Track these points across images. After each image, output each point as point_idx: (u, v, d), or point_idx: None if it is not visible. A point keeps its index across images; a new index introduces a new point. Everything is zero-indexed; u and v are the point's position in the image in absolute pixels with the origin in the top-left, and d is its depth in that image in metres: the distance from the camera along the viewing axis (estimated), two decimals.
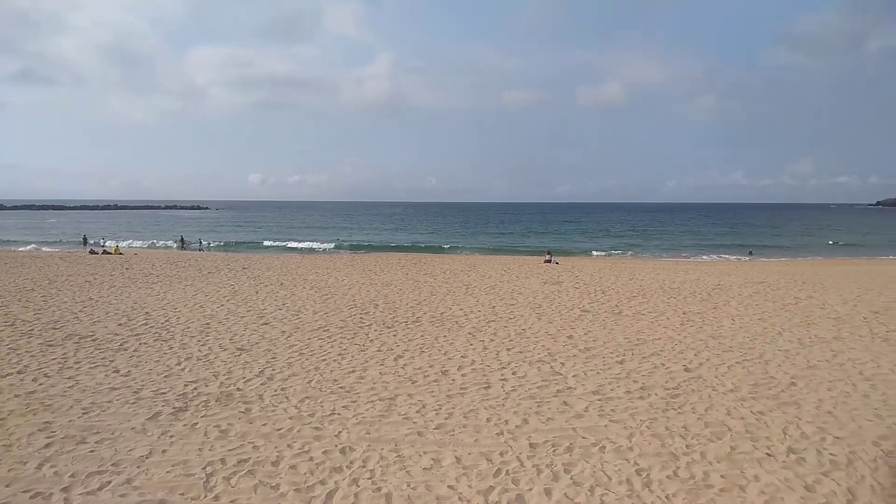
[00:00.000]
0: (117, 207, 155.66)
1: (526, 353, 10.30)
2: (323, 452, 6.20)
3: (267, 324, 12.60)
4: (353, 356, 10.01)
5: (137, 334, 11.51)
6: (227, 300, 15.63)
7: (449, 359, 9.90)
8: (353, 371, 9.15)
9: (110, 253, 31.05)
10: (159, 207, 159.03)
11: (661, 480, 5.62)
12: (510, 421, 7.11)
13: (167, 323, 12.61)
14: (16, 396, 7.84)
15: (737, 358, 9.91)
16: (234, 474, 5.70)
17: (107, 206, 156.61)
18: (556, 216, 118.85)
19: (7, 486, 5.44)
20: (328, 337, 11.39)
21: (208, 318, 13.12)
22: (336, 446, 6.36)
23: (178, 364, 9.49)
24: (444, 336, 11.58)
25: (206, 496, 5.29)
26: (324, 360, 9.71)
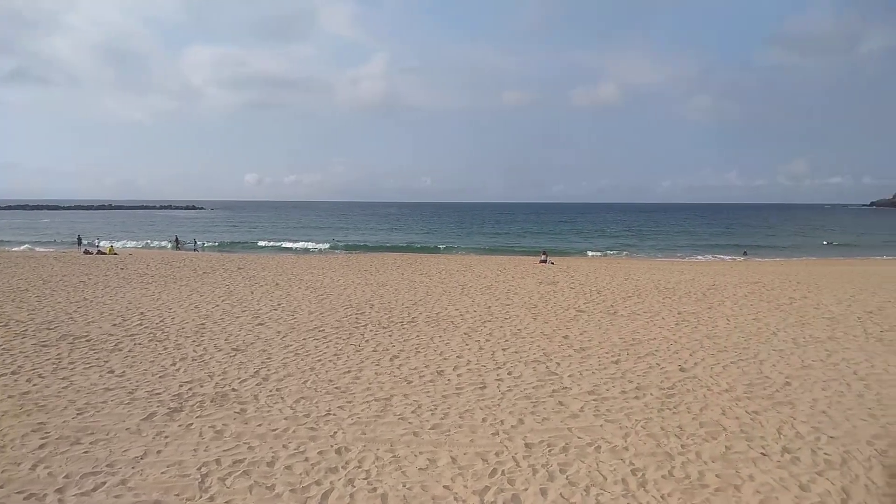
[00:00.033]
0: (112, 207, 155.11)
1: (521, 353, 10.31)
2: (318, 453, 6.19)
3: (262, 324, 12.58)
4: (348, 356, 10.00)
5: (132, 335, 11.47)
6: (223, 300, 15.60)
7: (445, 359, 9.90)
8: (348, 371, 9.14)
9: (105, 253, 30.92)
10: (154, 207, 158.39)
11: (656, 480, 5.63)
12: (506, 421, 7.11)
13: (162, 323, 12.57)
14: (10, 397, 7.80)
15: (732, 358, 9.94)
16: (229, 475, 5.68)
17: (101, 206, 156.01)
18: (552, 216, 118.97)
19: (1, 488, 5.42)
20: (324, 337, 11.38)
21: (203, 319, 13.08)
22: (332, 447, 6.35)
23: (173, 364, 9.47)
24: (440, 336, 11.58)
25: (201, 497, 5.28)
26: (319, 361, 9.70)
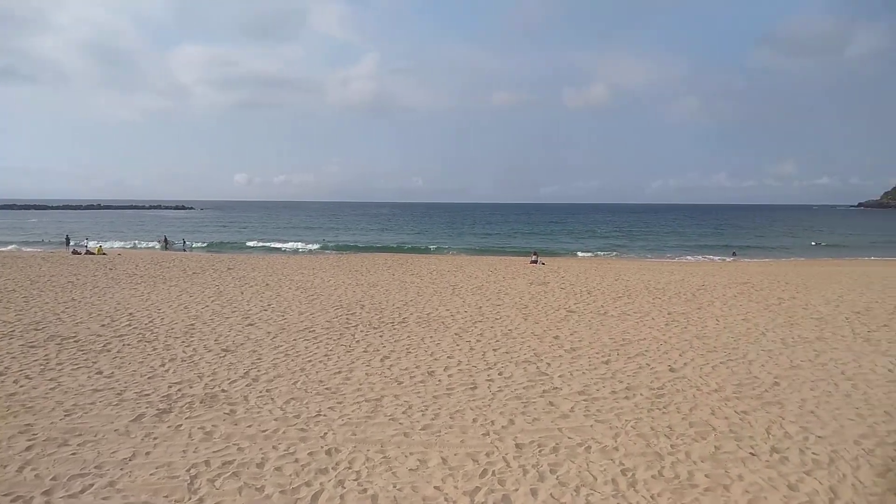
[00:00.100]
0: (100, 207, 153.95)
1: (512, 353, 10.33)
2: (308, 454, 6.17)
3: (252, 325, 12.52)
4: (339, 357, 9.98)
5: (121, 335, 11.38)
6: (212, 301, 15.51)
7: (435, 359, 9.90)
8: (339, 372, 9.12)
9: (93, 253, 30.67)
10: (143, 207, 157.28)
11: (646, 480, 5.65)
12: (496, 421, 7.12)
13: (151, 324, 12.49)
14: None
15: (721, 358, 10.00)
16: (218, 476, 5.65)
17: (90, 206, 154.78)
18: (542, 217, 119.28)
19: None
20: (314, 338, 11.34)
21: (193, 319, 13.01)
22: (322, 448, 6.33)
23: (162, 365, 9.40)
24: (431, 337, 11.57)
25: (190, 498, 5.25)
26: (309, 361, 9.67)
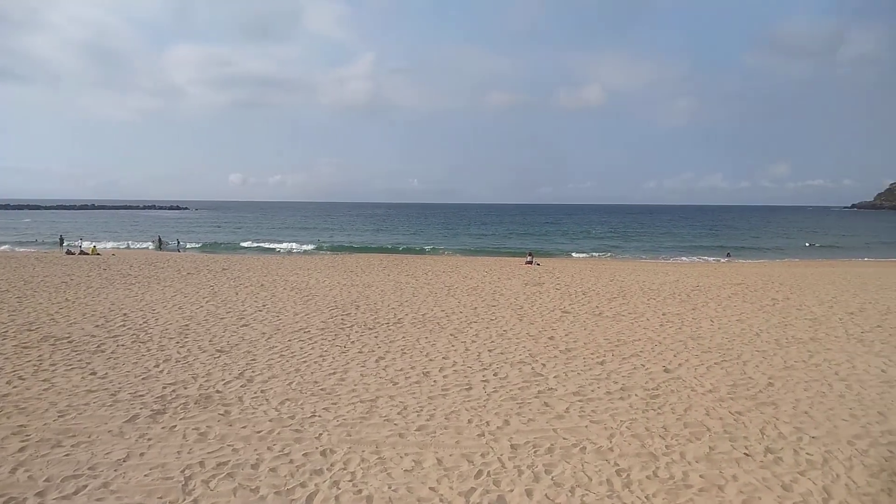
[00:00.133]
0: (94, 207, 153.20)
1: (507, 354, 10.33)
2: (303, 455, 6.16)
3: (247, 325, 12.48)
4: (334, 358, 9.96)
5: (115, 336, 11.33)
6: (207, 301, 15.46)
7: (430, 360, 9.89)
8: (334, 373, 9.10)
9: (87, 253, 30.54)
10: (137, 207, 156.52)
11: (640, 481, 5.67)
12: (491, 422, 7.12)
13: (145, 324, 12.43)
14: None
15: (715, 359, 10.03)
16: (213, 477, 5.63)
17: (84, 206, 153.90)
18: (538, 217, 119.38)
19: None
20: (309, 338, 11.32)
21: (187, 320, 12.96)
22: (317, 448, 6.32)
23: (157, 366, 9.36)
24: (426, 337, 11.56)
25: (184, 500, 5.23)
26: (304, 362, 9.65)
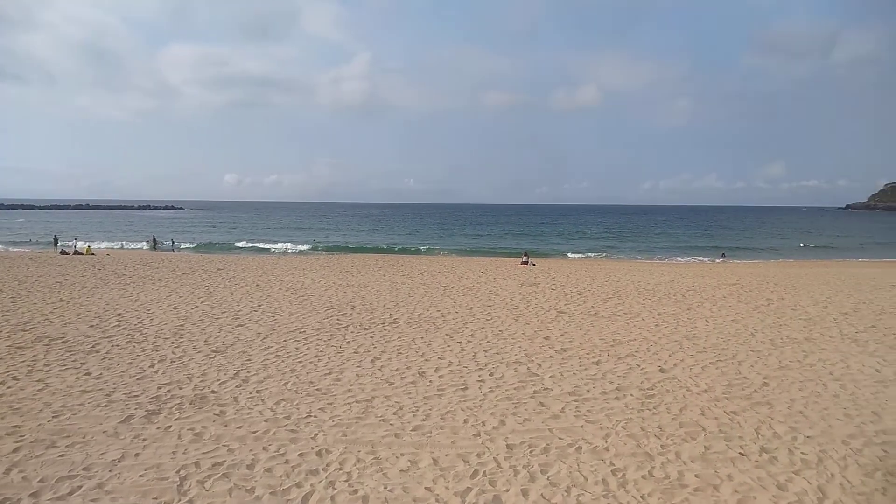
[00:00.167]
0: (89, 207, 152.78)
1: (503, 354, 10.33)
2: (299, 455, 6.15)
3: (242, 325, 12.45)
4: (329, 358, 9.95)
5: (109, 336, 11.29)
6: (202, 301, 15.42)
7: (426, 360, 9.89)
8: (329, 373, 9.09)
9: (82, 253, 30.43)
10: (132, 207, 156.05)
11: (636, 480, 5.68)
12: (487, 422, 7.12)
13: (140, 324, 12.39)
14: None
15: (710, 359, 10.06)
16: (208, 478, 5.62)
17: (78, 206, 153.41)
18: (533, 218, 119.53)
19: None
20: (304, 339, 11.30)
21: (182, 320, 12.92)
22: (312, 449, 6.31)
23: (152, 366, 9.33)
24: (422, 337, 11.56)
25: (179, 500, 5.21)
26: (300, 362, 9.63)
